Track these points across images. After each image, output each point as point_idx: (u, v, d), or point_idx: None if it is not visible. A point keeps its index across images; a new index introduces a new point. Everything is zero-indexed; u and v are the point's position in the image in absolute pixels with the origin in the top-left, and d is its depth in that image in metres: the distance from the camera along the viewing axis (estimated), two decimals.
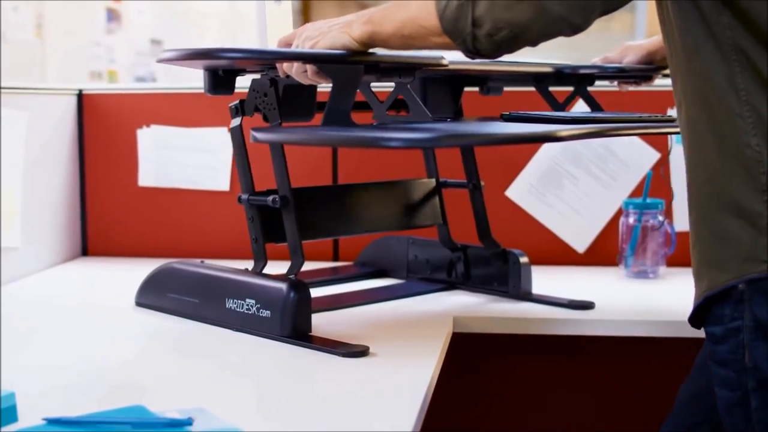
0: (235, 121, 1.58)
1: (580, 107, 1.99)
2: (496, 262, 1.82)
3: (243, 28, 5.77)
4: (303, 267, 1.54)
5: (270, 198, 1.54)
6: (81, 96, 2.27)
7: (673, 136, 2.06)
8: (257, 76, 1.56)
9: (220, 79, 1.50)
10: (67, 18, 4.66)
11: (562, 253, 2.18)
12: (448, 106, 1.84)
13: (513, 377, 2.14)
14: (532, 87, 1.87)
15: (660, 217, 2.04)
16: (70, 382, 1.27)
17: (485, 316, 1.71)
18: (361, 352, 1.39)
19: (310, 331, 1.48)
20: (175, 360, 1.41)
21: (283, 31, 1.55)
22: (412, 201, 1.84)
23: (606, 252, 2.16)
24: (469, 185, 1.88)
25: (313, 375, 1.32)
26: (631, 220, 2.04)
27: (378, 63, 1.43)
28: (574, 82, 1.84)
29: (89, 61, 4.95)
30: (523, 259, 1.80)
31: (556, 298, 1.77)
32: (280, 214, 1.55)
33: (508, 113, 1.58)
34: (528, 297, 1.78)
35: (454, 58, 1.50)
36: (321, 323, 1.53)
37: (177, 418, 1.05)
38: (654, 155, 2.14)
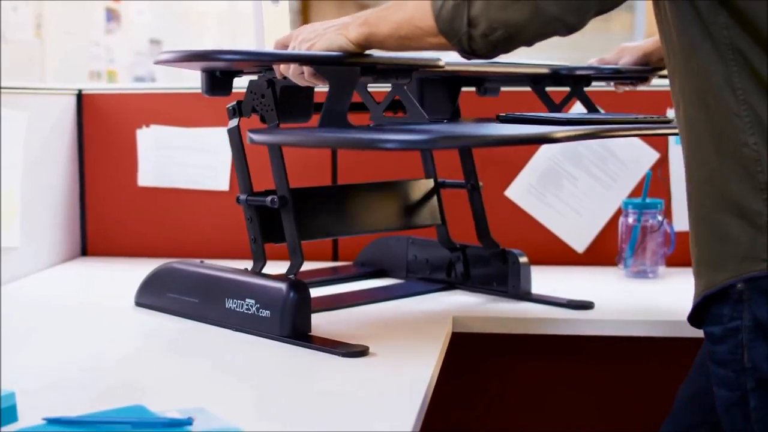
0: (233, 122, 1.58)
1: (578, 108, 1.99)
2: (495, 262, 1.82)
3: (242, 28, 5.77)
4: (302, 267, 1.55)
5: (269, 198, 1.54)
6: (80, 96, 2.27)
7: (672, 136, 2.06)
8: (255, 77, 1.56)
9: (218, 81, 1.50)
10: (66, 18, 4.66)
11: (561, 253, 2.18)
12: (446, 106, 1.84)
13: (512, 377, 2.15)
14: (528, 88, 1.88)
15: (659, 217, 2.04)
16: (70, 381, 1.27)
17: (485, 315, 1.71)
18: (360, 352, 1.39)
19: (310, 331, 1.48)
20: (174, 360, 1.41)
21: (280, 31, 1.55)
22: (411, 201, 1.84)
23: (605, 252, 2.16)
24: (467, 185, 1.88)
25: (312, 375, 1.32)
26: (630, 220, 2.04)
27: (374, 64, 1.43)
28: (571, 83, 1.84)
29: (88, 61, 4.95)
30: (523, 259, 1.80)
31: (555, 298, 1.77)
32: (279, 214, 1.55)
33: (504, 114, 1.58)
34: (527, 297, 1.78)
35: (451, 60, 1.50)
36: (321, 323, 1.53)
37: (177, 418, 1.05)
38: (653, 155, 2.14)
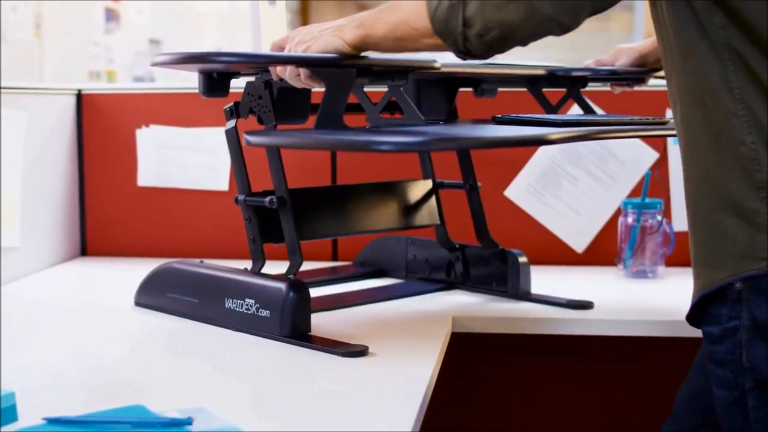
0: (230, 123, 1.59)
1: (577, 109, 1.99)
2: (495, 262, 1.82)
3: (242, 28, 5.76)
4: (302, 267, 1.55)
5: (267, 199, 1.54)
6: (80, 96, 2.27)
7: None
8: (252, 78, 1.56)
9: (215, 82, 1.50)
10: (65, 18, 4.66)
11: (560, 253, 2.18)
12: (442, 107, 1.84)
13: (512, 377, 2.15)
14: (525, 89, 1.88)
15: (659, 217, 2.04)
16: (70, 381, 1.27)
17: (484, 315, 1.71)
18: (360, 352, 1.39)
19: (310, 330, 1.48)
20: (174, 360, 1.42)
21: (277, 32, 1.55)
22: (409, 202, 1.84)
23: (605, 252, 2.16)
24: (465, 186, 1.88)
25: (312, 375, 1.32)
26: (629, 220, 2.05)
27: (370, 66, 1.43)
28: (567, 84, 1.84)
29: (88, 61, 4.94)
30: (522, 259, 1.80)
31: (555, 298, 1.77)
32: (278, 214, 1.55)
33: (500, 116, 1.58)
34: (527, 297, 1.78)
35: (447, 61, 1.50)
36: (320, 323, 1.53)
37: (177, 418, 1.06)
38: (653, 155, 2.14)
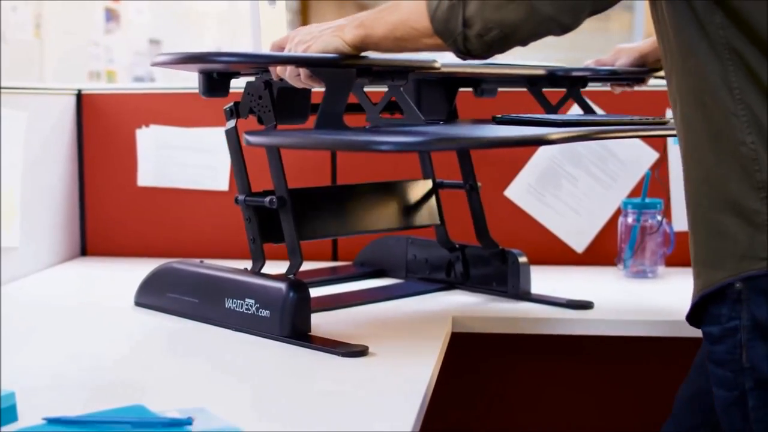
0: (230, 123, 1.59)
1: (578, 109, 1.99)
2: (495, 262, 1.82)
3: (242, 28, 5.76)
4: (302, 267, 1.55)
5: (267, 199, 1.54)
6: (80, 96, 2.27)
7: None
8: (252, 78, 1.56)
9: (215, 82, 1.50)
10: (65, 18, 4.66)
11: (560, 253, 2.18)
12: (442, 107, 1.84)
13: (512, 377, 2.15)
14: (525, 89, 1.88)
15: (659, 217, 2.04)
16: (70, 381, 1.27)
17: (484, 315, 1.71)
18: (360, 352, 1.39)
19: (310, 330, 1.48)
20: (174, 360, 1.42)
21: (277, 32, 1.55)
22: (409, 201, 1.84)
23: (605, 252, 2.16)
24: (465, 186, 1.88)
25: (312, 375, 1.32)
26: (629, 220, 2.05)
27: (370, 66, 1.43)
28: (567, 84, 1.84)
29: (88, 61, 4.94)
30: (522, 259, 1.80)
31: (555, 298, 1.77)
32: (278, 214, 1.55)
33: (500, 116, 1.58)
34: (527, 297, 1.78)
35: (448, 61, 1.50)
36: (320, 323, 1.53)
37: (177, 418, 1.06)
38: (653, 155, 2.14)
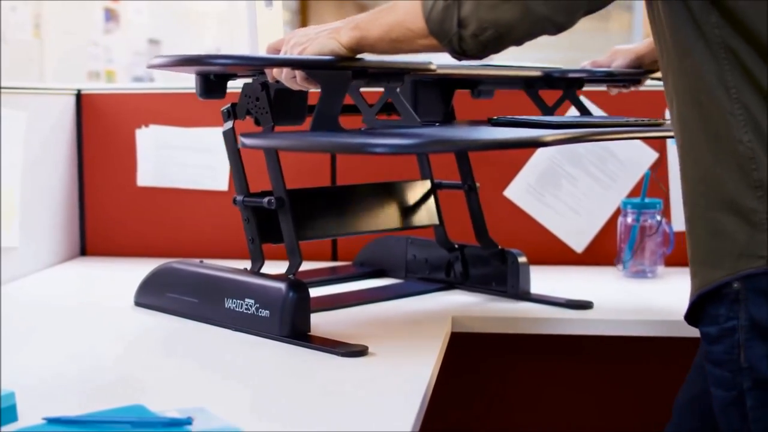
0: (228, 125, 1.59)
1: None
2: (494, 262, 1.82)
3: (241, 28, 5.77)
4: (302, 267, 1.55)
5: (265, 200, 1.54)
6: (80, 96, 2.27)
7: None
8: (249, 80, 1.56)
9: (212, 84, 1.50)
10: (65, 18, 4.66)
11: (560, 253, 2.18)
12: (439, 108, 1.84)
13: (512, 377, 2.15)
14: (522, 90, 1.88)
15: (658, 217, 2.04)
16: (70, 381, 1.27)
17: (484, 315, 1.71)
18: (360, 352, 1.39)
19: (309, 330, 1.48)
20: (174, 360, 1.42)
21: (274, 34, 1.55)
22: (408, 202, 1.84)
23: (604, 252, 2.16)
24: (464, 186, 1.88)
25: (312, 375, 1.32)
26: (629, 220, 2.05)
27: (366, 68, 1.44)
28: (563, 85, 1.84)
29: (87, 61, 4.95)
30: (522, 259, 1.80)
31: (554, 298, 1.77)
32: (277, 214, 1.55)
33: (495, 118, 1.59)
34: (526, 297, 1.79)
35: (444, 62, 1.50)
36: (320, 323, 1.53)
37: (177, 418, 1.06)
38: (652, 155, 2.15)
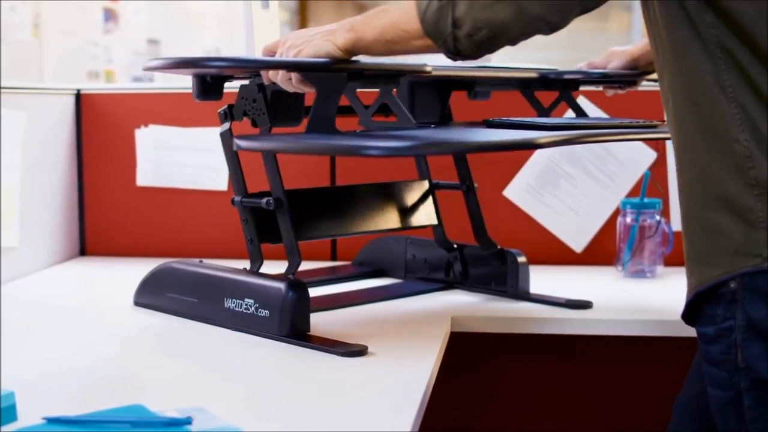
0: (225, 126, 1.59)
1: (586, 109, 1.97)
2: (494, 262, 1.82)
3: (241, 27, 5.77)
4: (301, 267, 1.55)
5: (264, 200, 1.54)
6: (79, 96, 2.27)
7: None
8: (246, 81, 1.56)
9: (209, 86, 1.50)
10: (64, 18, 4.66)
11: (559, 253, 2.18)
12: (436, 109, 1.84)
13: (511, 376, 2.15)
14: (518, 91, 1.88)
15: (657, 217, 2.04)
16: (70, 381, 1.27)
17: (483, 315, 1.71)
18: (359, 352, 1.39)
19: (309, 330, 1.48)
20: (173, 359, 1.42)
21: (271, 36, 1.55)
22: (406, 202, 1.84)
23: (603, 251, 2.16)
24: (462, 187, 1.88)
25: (311, 374, 1.32)
26: (628, 220, 2.05)
27: (362, 70, 1.44)
28: (559, 87, 1.85)
29: (86, 61, 4.95)
30: (521, 259, 1.80)
31: (553, 298, 1.77)
32: (275, 215, 1.56)
33: (491, 119, 1.59)
34: (526, 296, 1.79)
35: (440, 64, 1.51)
36: (319, 323, 1.53)
37: (176, 417, 1.06)
38: (652, 155, 2.15)
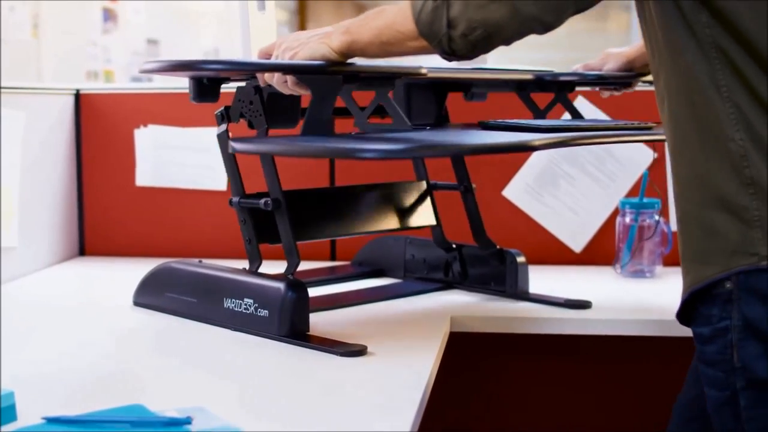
0: (221, 128, 1.59)
1: (582, 112, 1.97)
2: (493, 262, 1.82)
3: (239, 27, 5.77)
4: (300, 267, 1.55)
5: (262, 201, 1.54)
6: (78, 96, 2.27)
7: None
8: (242, 83, 1.56)
9: (205, 88, 1.50)
10: (63, 18, 4.66)
11: (558, 253, 2.18)
12: (432, 111, 1.84)
13: (510, 376, 2.15)
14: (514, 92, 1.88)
15: (656, 217, 2.04)
16: (69, 381, 1.27)
17: (482, 315, 1.71)
18: (358, 352, 1.39)
19: (308, 330, 1.48)
20: (173, 359, 1.42)
21: (267, 38, 1.56)
22: (404, 203, 1.84)
23: (602, 251, 2.16)
24: (460, 188, 1.88)
25: (311, 374, 1.32)
26: (627, 220, 2.05)
27: (357, 73, 1.44)
28: (555, 89, 1.85)
29: (85, 60, 4.95)
30: (520, 259, 1.80)
31: (553, 298, 1.77)
32: (274, 215, 1.56)
33: (486, 121, 1.59)
34: (525, 296, 1.79)
35: (435, 65, 1.51)
36: (319, 322, 1.53)
37: (176, 417, 1.06)
38: (651, 155, 2.15)
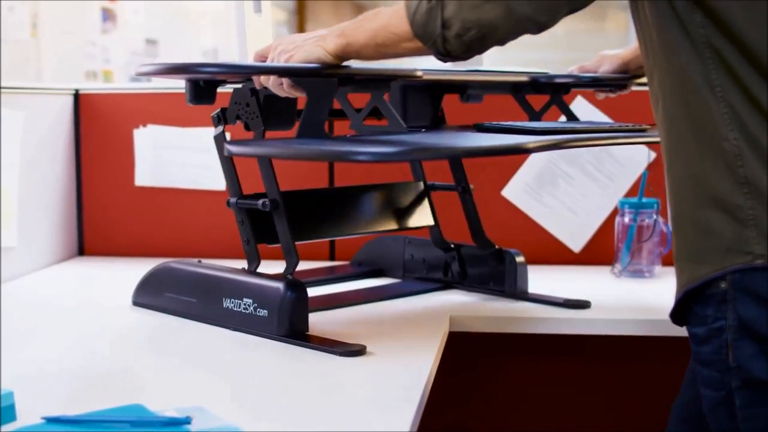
0: (218, 130, 1.59)
1: (580, 112, 1.97)
2: (492, 262, 1.82)
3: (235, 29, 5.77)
4: (300, 267, 1.55)
5: (260, 202, 1.54)
6: (78, 96, 2.27)
7: None
8: (239, 85, 1.56)
9: (202, 90, 1.50)
10: (62, 18, 4.66)
11: (557, 253, 2.19)
12: (428, 113, 1.84)
13: (509, 376, 2.15)
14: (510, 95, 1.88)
15: (655, 217, 2.04)
16: (69, 381, 1.27)
17: (482, 315, 1.71)
18: (358, 351, 1.39)
19: (308, 330, 1.48)
20: (172, 359, 1.42)
21: (263, 40, 1.56)
22: (402, 203, 1.84)
23: (601, 251, 2.16)
24: (458, 188, 1.88)
25: (310, 374, 1.33)
26: (626, 220, 2.05)
27: (352, 75, 1.44)
28: (550, 91, 1.85)
29: (84, 60, 4.95)
30: (519, 259, 1.80)
31: (552, 297, 1.77)
32: (272, 215, 1.56)
33: (481, 123, 1.59)
34: (524, 296, 1.79)
35: (431, 67, 1.51)
36: (318, 322, 1.53)
37: (175, 417, 1.06)
38: (650, 155, 2.15)
